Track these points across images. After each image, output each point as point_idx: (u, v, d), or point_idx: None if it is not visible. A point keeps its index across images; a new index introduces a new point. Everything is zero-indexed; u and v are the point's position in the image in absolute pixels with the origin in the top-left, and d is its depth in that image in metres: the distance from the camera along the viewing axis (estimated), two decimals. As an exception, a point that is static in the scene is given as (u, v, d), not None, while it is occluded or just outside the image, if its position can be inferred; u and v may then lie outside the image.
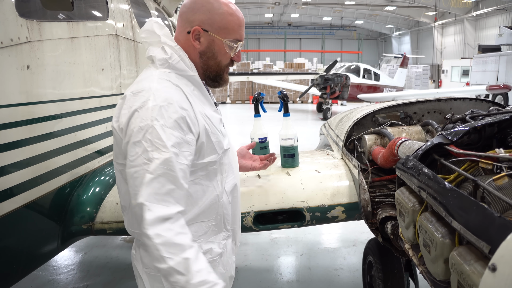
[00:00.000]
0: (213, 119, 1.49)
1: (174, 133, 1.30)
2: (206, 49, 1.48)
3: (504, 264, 0.87)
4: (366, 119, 2.66)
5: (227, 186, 1.59)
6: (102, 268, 3.87)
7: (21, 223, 1.91)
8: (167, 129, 1.29)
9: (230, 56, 1.52)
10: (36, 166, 1.95)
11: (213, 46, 1.48)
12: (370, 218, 2.18)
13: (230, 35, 1.48)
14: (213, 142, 1.45)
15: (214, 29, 1.45)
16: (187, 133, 1.34)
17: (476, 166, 1.38)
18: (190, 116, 1.36)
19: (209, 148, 1.45)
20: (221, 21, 1.45)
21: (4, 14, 1.69)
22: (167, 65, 1.44)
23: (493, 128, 1.57)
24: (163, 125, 1.28)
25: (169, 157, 1.26)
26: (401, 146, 1.92)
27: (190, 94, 1.43)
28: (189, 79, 1.47)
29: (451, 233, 1.22)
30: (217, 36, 1.46)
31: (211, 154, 1.46)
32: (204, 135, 1.41)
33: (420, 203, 1.48)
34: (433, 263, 1.30)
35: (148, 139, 1.27)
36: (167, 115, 1.30)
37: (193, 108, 1.39)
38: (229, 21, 1.46)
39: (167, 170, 1.26)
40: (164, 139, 1.27)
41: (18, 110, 1.80)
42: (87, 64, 2.40)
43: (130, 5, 3.22)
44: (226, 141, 1.57)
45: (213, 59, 1.50)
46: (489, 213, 1.03)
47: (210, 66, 1.51)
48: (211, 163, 1.47)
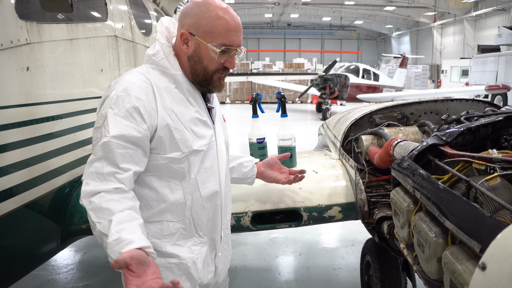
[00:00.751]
0: (183, 117, 1.49)
1: (124, 121, 1.37)
2: (193, 53, 1.48)
3: (493, 263, 0.89)
4: (363, 120, 2.68)
5: (204, 191, 1.57)
6: (101, 267, 3.89)
7: (21, 223, 1.92)
8: (118, 117, 1.38)
9: (218, 62, 1.48)
10: (35, 167, 1.97)
11: (199, 50, 1.47)
12: (366, 218, 2.20)
13: (216, 39, 1.44)
14: (176, 138, 1.46)
15: (200, 33, 1.44)
16: (140, 123, 1.39)
17: (469, 166, 1.39)
18: (146, 107, 1.40)
19: (171, 144, 1.46)
20: (207, 25, 1.43)
21: (4, 16, 1.70)
22: (151, 61, 1.50)
23: (487, 129, 1.59)
24: (116, 113, 1.38)
25: (107, 141, 1.35)
26: (396, 146, 1.94)
27: (163, 89, 1.46)
28: (171, 77, 1.49)
29: (444, 232, 1.24)
30: (202, 40, 1.44)
31: (174, 151, 1.47)
32: (164, 129, 1.44)
33: (414, 203, 1.50)
34: (427, 262, 1.32)
35: (104, 125, 1.39)
36: (122, 105, 1.38)
37: (156, 102, 1.43)
38: (215, 25, 1.43)
39: (106, 153, 1.36)
40: (110, 125, 1.36)
41: (18, 111, 1.81)
42: (86, 65, 2.42)
43: (129, 6, 3.24)
44: (202, 142, 1.54)
45: (199, 64, 1.49)
46: (480, 213, 1.05)
47: (197, 70, 1.50)
48: (174, 160, 1.48)
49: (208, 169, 1.57)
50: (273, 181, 2.02)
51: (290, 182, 2.02)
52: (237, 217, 2.27)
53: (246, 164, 1.96)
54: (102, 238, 1.29)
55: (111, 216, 1.29)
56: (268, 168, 2.01)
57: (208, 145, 1.57)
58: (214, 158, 1.60)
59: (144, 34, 3.56)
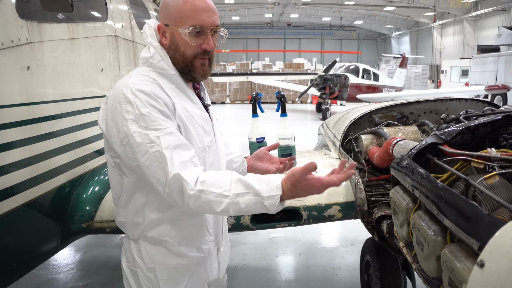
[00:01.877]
0: (193, 114, 1.51)
1: (160, 116, 1.36)
2: (170, 42, 1.49)
3: (491, 260, 0.90)
4: (363, 119, 2.69)
5: None
6: (101, 267, 3.90)
7: (21, 222, 1.93)
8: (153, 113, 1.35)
9: (194, 45, 1.47)
10: (36, 165, 1.97)
11: (174, 38, 1.48)
12: (366, 217, 2.21)
13: (186, 22, 1.44)
14: (192, 133, 1.47)
15: (171, 21, 1.46)
16: (170, 117, 1.40)
17: (468, 165, 1.40)
18: (167, 104, 1.40)
19: (188, 139, 1.45)
20: (175, 12, 1.45)
21: (4, 16, 1.71)
22: (149, 64, 1.49)
23: (486, 128, 1.60)
24: (149, 112, 1.35)
25: (171, 130, 1.35)
26: (396, 145, 1.94)
27: (169, 89, 1.46)
28: (170, 78, 1.50)
29: (443, 231, 1.25)
30: (174, 27, 1.46)
31: None
32: (181, 125, 1.44)
33: (413, 202, 1.51)
34: (426, 261, 1.33)
35: (143, 127, 1.33)
36: (148, 104, 1.36)
37: (171, 98, 1.43)
38: (182, 9, 1.44)
39: (177, 140, 1.35)
40: (157, 119, 1.34)
41: (19, 110, 1.82)
42: (86, 65, 2.43)
43: (129, 6, 3.25)
44: (209, 138, 1.57)
45: (177, 52, 1.49)
46: (478, 211, 1.06)
47: (176, 59, 1.50)
48: None
49: (212, 166, 1.59)
50: (264, 172, 1.99)
51: (280, 170, 2.00)
52: (237, 216, 2.28)
53: (236, 159, 1.94)
54: (238, 200, 1.31)
55: (233, 178, 1.34)
56: (258, 160, 1.98)
57: (211, 141, 1.59)
58: (215, 155, 1.63)
59: (144, 33, 3.56)
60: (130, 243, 1.58)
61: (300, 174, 1.29)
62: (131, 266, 1.58)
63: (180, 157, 1.33)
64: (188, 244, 1.55)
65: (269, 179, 1.34)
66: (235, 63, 25.54)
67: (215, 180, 1.32)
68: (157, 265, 1.53)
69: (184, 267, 1.56)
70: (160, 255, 1.53)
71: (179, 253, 1.54)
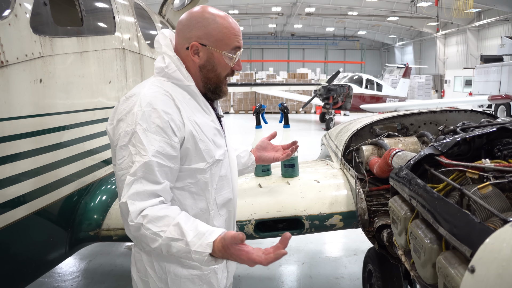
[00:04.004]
0: (204, 127, 1.52)
1: (156, 137, 1.37)
2: (206, 62, 1.52)
3: (481, 266, 0.95)
4: (364, 130, 2.74)
5: (220, 199, 1.60)
6: (106, 275, 3.94)
7: (31, 230, 1.99)
8: (149, 133, 1.37)
9: (229, 67, 1.55)
10: (46, 175, 2.04)
11: (212, 59, 1.52)
12: (367, 226, 2.25)
13: (228, 46, 1.51)
14: (201, 149, 1.48)
15: (212, 43, 1.50)
16: (171, 137, 1.40)
17: (463, 175, 1.45)
18: (175, 121, 1.42)
19: (197, 154, 1.48)
20: (217, 34, 1.49)
21: (20, 31, 1.79)
22: (163, 74, 1.52)
23: (482, 140, 1.64)
24: (146, 129, 1.37)
25: (148, 160, 1.35)
26: (395, 156, 1.99)
27: (181, 101, 1.47)
28: (185, 88, 1.52)
29: (439, 238, 1.29)
30: (216, 49, 1.50)
31: (199, 161, 1.49)
32: (191, 140, 1.46)
33: (411, 211, 1.55)
34: (423, 268, 1.37)
35: (132, 143, 1.37)
36: (150, 120, 1.38)
37: (181, 113, 1.44)
38: (224, 33, 1.50)
39: (147, 172, 1.35)
40: (145, 143, 1.36)
41: (31, 121, 1.89)
42: (95, 77, 2.50)
43: (135, 19, 3.34)
44: (221, 152, 1.58)
45: (212, 72, 1.54)
46: (471, 220, 1.10)
47: (210, 79, 1.55)
48: (199, 170, 1.50)
49: (223, 177, 1.61)
50: (272, 161, 2.04)
51: (288, 155, 2.03)
52: (241, 225, 2.33)
53: (242, 155, 2.00)
54: (171, 244, 1.29)
55: (175, 220, 1.31)
56: (263, 151, 2.04)
57: (223, 154, 1.61)
58: (227, 167, 1.65)
59: (150, 45, 3.65)
60: (141, 254, 1.58)
61: (229, 241, 1.24)
62: (143, 276, 1.58)
63: (138, 187, 1.34)
64: None
65: (205, 233, 1.28)
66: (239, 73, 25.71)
67: (157, 218, 1.31)
68: (169, 276, 1.54)
69: (197, 278, 1.57)
70: (172, 266, 1.54)
71: (191, 264, 1.54)
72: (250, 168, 2.04)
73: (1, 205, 1.75)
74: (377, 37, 44.14)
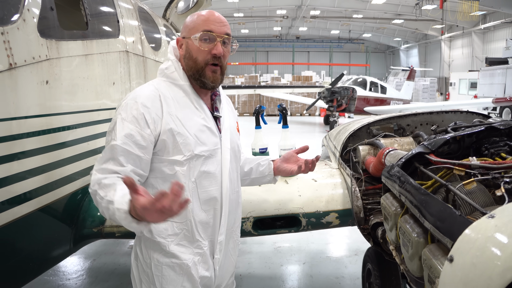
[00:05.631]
0: (187, 122, 1.62)
1: (130, 125, 1.53)
2: (185, 52, 1.67)
3: (459, 255, 1.01)
4: (362, 131, 2.80)
5: (203, 195, 1.65)
6: (110, 274, 4.01)
7: (36, 226, 2.06)
8: (125, 122, 1.54)
9: (205, 51, 1.62)
10: (51, 173, 2.11)
11: (188, 47, 1.66)
12: (362, 223, 2.30)
13: (197, 30, 1.62)
14: (178, 142, 1.58)
15: (186, 32, 1.66)
16: (143, 128, 1.54)
17: (451, 173, 1.51)
18: (151, 114, 1.56)
19: (174, 147, 1.59)
20: (190, 24, 1.65)
21: (27, 35, 1.87)
22: (163, 74, 1.70)
23: (471, 139, 1.70)
24: (123, 118, 1.55)
25: (115, 144, 1.51)
26: (388, 155, 2.05)
27: (170, 98, 1.62)
28: (180, 87, 1.67)
29: (425, 232, 1.35)
30: (188, 36, 1.65)
31: (176, 154, 1.59)
32: (168, 133, 1.57)
33: (401, 207, 1.61)
34: (411, 261, 1.43)
35: (113, 129, 1.56)
36: (129, 111, 1.55)
37: (162, 108, 1.58)
38: (196, 20, 1.64)
39: (113, 154, 1.51)
40: (118, 129, 1.53)
41: (37, 121, 1.97)
42: (99, 79, 2.58)
43: (139, 22, 3.41)
44: (204, 148, 1.63)
45: (190, 59, 1.65)
46: (452, 213, 1.16)
47: (190, 66, 1.66)
48: (177, 162, 1.59)
49: (210, 175, 1.66)
50: (288, 173, 2.00)
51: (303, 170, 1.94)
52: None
53: (262, 163, 2.04)
54: (108, 206, 1.41)
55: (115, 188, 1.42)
56: (284, 162, 2.01)
57: (212, 151, 1.66)
58: (217, 165, 1.69)
59: (153, 48, 3.73)
60: (137, 237, 1.71)
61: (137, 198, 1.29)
62: (135, 258, 1.72)
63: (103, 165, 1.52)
64: (180, 245, 1.63)
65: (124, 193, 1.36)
66: (244, 75, 25.79)
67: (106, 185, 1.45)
68: (153, 261, 1.64)
69: (177, 267, 1.64)
70: (156, 252, 1.64)
71: (172, 252, 1.62)
72: (268, 178, 2.04)
73: (8, 201, 1.82)
74: (382, 40, 44.07)
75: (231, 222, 1.80)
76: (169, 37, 4.61)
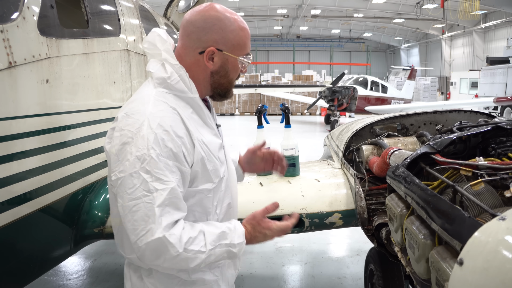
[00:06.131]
0: (211, 146, 1.42)
1: (169, 162, 1.27)
2: (219, 68, 1.43)
3: (469, 258, 0.98)
4: (365, 131, 2.78)
5: (220, 210, 1.51)
6: (111, 274, 3.99)
7: (36, 226, 2.03)
8: (163, 158, 1.26)
9: (239, 71, 1.48)
10: (51, 173, 2.09)
11: (226, 64, 1.43)
12: (366, 224, 2.28)
13: (243, 51, 1.44)
14: (208, 170, 1.40)
15: (228, 48, 1.41)
16: (183, 163, 1.31)
17: (458, 173, 1.48)
18: (185, 145, 1.32)
19: (204, 176, 1.40)
20: (234, 39, 1.41)
21: (27, 33, 1.85)
22: (165, 85, 1.38)
23: (477, 139, 1.67)
24: (159, 154, 1.25)
25: (174, 186, 1.26)
26: (392, 155, 2.03)
27: (188, 118, 1.37)
28: (188, 101, 1.40)
29: (432, 234, 1.33)
30: (231, 54, 1.42)
31: (206, 182, 1.41)
32: (200, 163, 1.37)
33: (407, 208, 1.59)
34: (417, 263, 1.40)
35: (146, 170, 1.24)
36: (162, 144, 1.26)
37: (190, 135, 1.34)
38: (241, 37, 1.42)
39: (174, 199, 1.26)
40: (163, 168, 1.25)
41: (37, 120, 1.94)
42: (100, 78, 2.55)
43: (140, 21, 3.39)
44: (223, 168, 1.49)
45: (225, 78, 1.45)
46: (461, 215, 1.14)
47: (222, 84, 1.47)
48: (205, 191, 1.42)
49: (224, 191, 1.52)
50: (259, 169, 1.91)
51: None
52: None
53: None
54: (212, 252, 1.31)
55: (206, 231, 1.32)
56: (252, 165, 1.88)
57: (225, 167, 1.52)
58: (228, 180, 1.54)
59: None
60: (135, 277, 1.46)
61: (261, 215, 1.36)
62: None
63: (169, 217, 1.24)
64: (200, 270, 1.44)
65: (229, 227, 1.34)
66: (244, 75, 25.78)
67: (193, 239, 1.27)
68: None
69: None
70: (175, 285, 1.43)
71: (192, 281, 1.44)
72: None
73: (7, 202, 1.79)
74: (382, 39, 44.05)
75: None
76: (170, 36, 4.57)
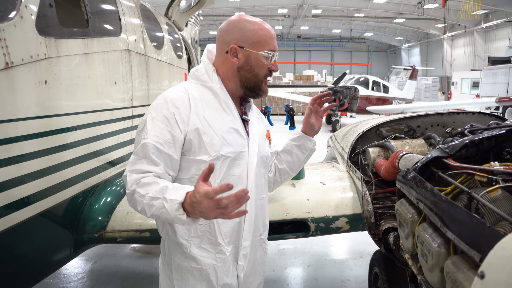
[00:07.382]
0: (214, 123, 1.61)
1: (160, 125, 1.55)
2: (244, 63, 1.65)
3: (491, 272, 0.92)
4: (371, 132, 2.72)
5: None
6: (111, 276, 3.94)
7: (36, 231, 1.99)
8: (156, 121, 1.55)
9: (267, 67, 1.67)
10: (51, 176, 2.04)
11: (249, 60, 1.64)
12: (373, 229, 2.22)
13: (264, 47, 1.64)
14: (204, 142, 1.58)
15: (249, 45, 1.63)
16: (174, 127, 1.55)
17: (472, 178, 1.43)
18: (181, 114, 1.57)
19: (200, 147, 1.58)
20: (253, 36, 1.63)
21: (25, 33, 1.79)
22: (194, 76, 1.71)
23: (490, 142, 1.62)
24: (154, 117, 1.56)
25: (146, 142, 1.52)
26: (401, 159, 1.97)
27: (199, 99, 1.63)
28: (210, 89, 1.67)
29: (446, 242, 1.27)
30: (253, 50, 1.63)
31: (203, 154, 1.58)
32: (195, 133, 1.57)
33: (418, 214, 1.53)
34: (430, 272, 1.35)
35: (142, 129, 1.58)
36: (159, 111, 1.57)
37: (190, 109, 1.59)
38: (260, 35, 1.63)
39: (145, 153, 1.52)
40: (149, 128, 1.55)
41: (36, 122, 1.89)
42: (100, 78, 2.50)
43: (141, 21, 3.34)
44: (230, 149, 1.61)
45: (250, 72, 1.66)
46: (480, 224, 1.08)
47: (248, 78, 1.67)
48: (203, 162, 1.58)
49: (235, 177, 1.63)
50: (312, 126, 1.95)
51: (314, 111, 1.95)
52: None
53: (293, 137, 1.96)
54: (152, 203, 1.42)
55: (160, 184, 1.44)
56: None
57: (239, 154, 1.64)
58: (244, 168, 1.67)
59: (155, 47, 3.65)
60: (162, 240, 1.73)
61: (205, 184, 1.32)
62: (161, 262, 1.75)
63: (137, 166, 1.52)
64: (202, 248, 1.62)
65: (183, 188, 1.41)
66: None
67: (146, 183, 1.47)
68: (173, 264, 1.65)
69: (197, 272, 1.62)
70: (177, 255, 1.64)
71: (192, 256, 1.61)
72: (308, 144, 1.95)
73: (6, 207, 1.75)
74: (383, 39, 43.97)
75: (259, 230, 1.76)
76: (171, 35, 4.53)
